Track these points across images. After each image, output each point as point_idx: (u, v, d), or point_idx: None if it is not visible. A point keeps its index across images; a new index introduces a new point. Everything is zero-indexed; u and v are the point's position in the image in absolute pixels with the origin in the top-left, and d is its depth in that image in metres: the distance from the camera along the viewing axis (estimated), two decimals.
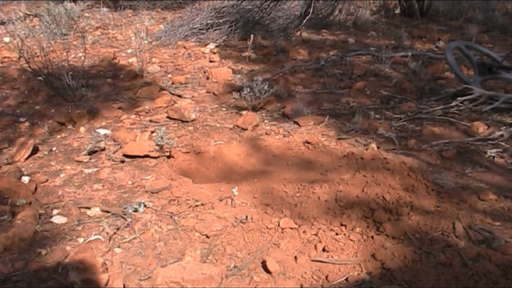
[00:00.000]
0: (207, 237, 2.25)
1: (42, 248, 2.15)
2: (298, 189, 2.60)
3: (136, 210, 2.41)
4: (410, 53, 5.07)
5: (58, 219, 2.36)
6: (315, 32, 6.43)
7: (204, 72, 4.67)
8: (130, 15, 7.42)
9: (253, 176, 2.86)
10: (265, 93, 3.71)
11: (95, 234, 2.26)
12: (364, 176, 2.60)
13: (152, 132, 3.29)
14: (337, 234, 2.21)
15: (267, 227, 2.30)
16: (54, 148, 3.15)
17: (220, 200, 2.54)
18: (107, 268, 1.98)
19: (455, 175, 2.77)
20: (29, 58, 3.87)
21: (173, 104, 3.81)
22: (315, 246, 2.15)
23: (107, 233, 2.24)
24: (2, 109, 3.78)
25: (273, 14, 6.41)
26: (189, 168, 3.03)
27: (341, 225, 2.26)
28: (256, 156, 3.12)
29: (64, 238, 2.24)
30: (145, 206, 2.45)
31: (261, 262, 2.07)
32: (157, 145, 2.98)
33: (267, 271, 2.01)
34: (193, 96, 4.10)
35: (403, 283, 1.92)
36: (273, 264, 2.02)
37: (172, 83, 4.41)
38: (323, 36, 6.34)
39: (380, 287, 1.91)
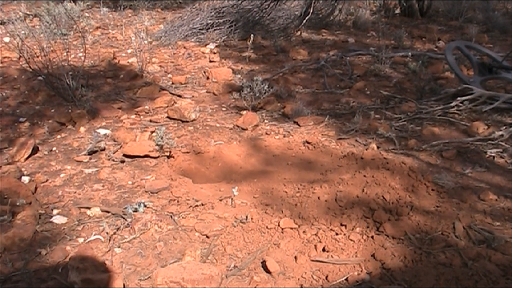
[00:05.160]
0: (207, 237, 2.25)
1: (42, 248, 2.15)
2: (298, 189, 2.60)
3: (136, 210, 2.41)
4: (410, 53, 5.07)
5: (58, 219, 2.36)
6: (315, 32, 6.43)
7: (204, 72, 4.67)
8: (130, 15, 7.42)
9: (253, 176, 2.86)
10: (265, 93, 3.71)
11: (95, 234, 2.26)
12: (364, 176, 2.60)
13: (152, 132, 3.29)
14: (337, 234, 2.21)
15: (267, 227, 2.30)
16: (54, 148, 3.15)
17: (220, 200, 2.54)
18: (107, 268, 1.98)
19: (455, 175, 2.77)
20: (29, 58, 3.86)
21: (173, 104, 3.81)
22: (315, 246, 2.15)
23: (107, 233, 2.24)
24: (2, 109, 3.78)
25: (273, 14, 6.41)
26: (189, 168, 3.03)
27: (341, 225, 2.26)
28: (256, 156, 3.12)
29: (64, 238, 2.24)
30: (145, 206, 2.45)
31: (261, 262, 2.07)
32: (157, 145, 2.98)
33: (267, 271, 2.01)
34: (193, 96, 4.10)
35: (403, 283, 1.92)
36: (273, 264, 2.02)
37: (172, 83, 4.41)
38: (323, 36, 6.34)
39: (380, 287, 1.91)
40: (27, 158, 2.98)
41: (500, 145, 3.08)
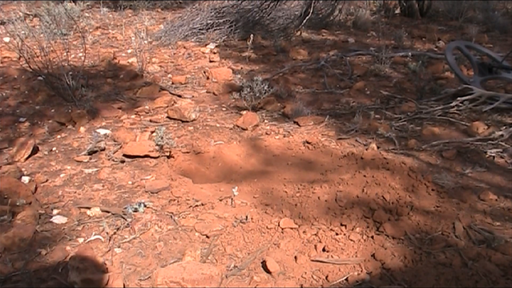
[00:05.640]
0: (207, 237, 2.25)
1: (42, 248, 2.15)
2: (298, 189, 2.60)
3: (136, 210, 2.41)
4: (410, 53, 5.07)
5: (58, 219, 2.36)
6: (315, 32, 6.43)
7: (204, 72, 4.67)
8: (130, 15, 7.42)
9: (253, 176, 2.86)
10: (265, 93, 3.71)
11: (95, 234, 2.26)
12: (364, 176, 2.60)
13: (152, 132, 3.29)
14: (337, 234, 2.21)
15: (267, 227, 2.30)
16: (54, 148, 3.15)
17: (220, 200, 2.54)
18: (107, 268, 1.98)
19: (455, 175, 2.77)
20: (29, 58, 3.87)
21: (173, 104, 3.81)
22: (315, 246, 2.15)
23: (107, 233, 2.24)
24: (2, 109, 3.78)
25: (273, 14, 6.41)
26: (189, 168, 3.03)
27: (341, 225, 2.26)
28: (256, 156, 3.12)
29: (64, 238, 2.24)
30: (145, 206, 2.45)
31: (261, 262, 2.07)
32: (157, 145, 2.98)
33: (267, 271, 2.01)
34: (193, 96, 4.10)
35: (403, 283, 1.92)
36: (273, 264, 2.02)
37: (172, 83, 4.41)
38: (323, 36, 6.34)
39: (380, 287, 1.91)
40: (27, 158, 2.98)
41: (500, 145, 3.08)
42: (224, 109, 3.85)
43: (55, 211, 2.44)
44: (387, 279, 1.95)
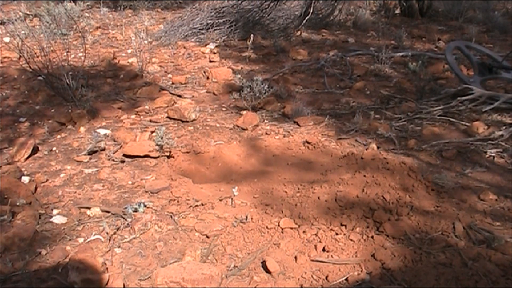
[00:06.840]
0: (207, 237, 2.25)
1: (42, 248, 2.15)
2: (298, 189, 2.60)
3: (136, 210, 2.41)
4: (410, 53, 5.07)
5: (58, 219, 2.36)
6: (315, 32, 6.43)
7: (204, 72, 4.67)
8: (130, 15, 7.42)
9: (253, 176, 2.86)
10: (265, 93, 3.71)
11: (95, 234, 2.26)
12: (364, 176, 2.60)
13: (152, 132, 3.29)
14: (337, 234, 2.21)
15: (267, 227, 2.30)
16: (54, 148, 3.15)
17: (220, 200, 2.54)
18: (107, 268, 1.98)
19: (455, 175, 2.77)
20: (29, 58, 3.86)
21: (173, 104, 3.81)
22: (315, 246, 2.15)
23: (107, 233, 2.24)
24: (2, 109, 3.78)
25: (273, 14, 6.42)
26: (189, 168, 3.03)
27: (341, 225, 2.26)
28: (256, 156, 3.12)
29: (64, 238, 2.24)
30: (145, 206, 2.45)
31: (261, 262, 2.07)
32: (157, 145, 2.98)
33: (267, 271, 2.01)
34: (193, 96, 4.10)
35: (403, 283, 1.92)
36: (273, 264, 2.02)
37: (172, 83, 4.41)
38: (323, 36, 6.35)
39: (380, 287, 1.91)
40: (27, 158, 2.98)
41: (500, 145, 3.08)
42: (224, 109, 3.85)
43: (55, 211, 2.44)
44: (387, 279, 1.95)
